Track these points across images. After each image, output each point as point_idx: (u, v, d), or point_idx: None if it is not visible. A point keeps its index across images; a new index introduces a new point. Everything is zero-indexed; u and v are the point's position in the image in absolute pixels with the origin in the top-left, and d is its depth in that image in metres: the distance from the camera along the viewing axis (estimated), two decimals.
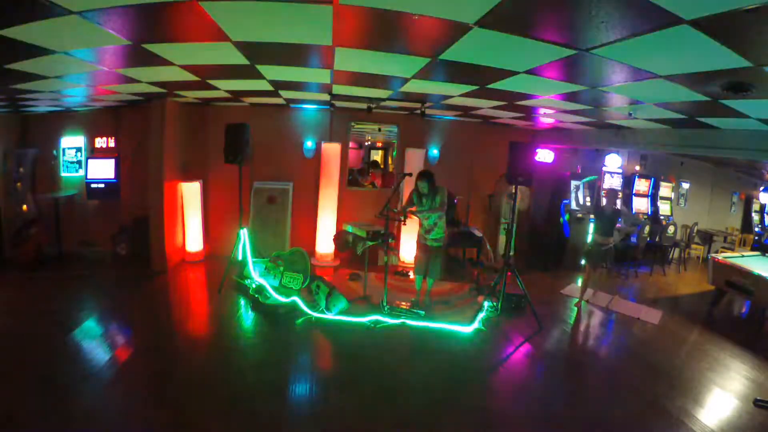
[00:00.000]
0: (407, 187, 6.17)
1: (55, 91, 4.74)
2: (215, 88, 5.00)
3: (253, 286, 5.35)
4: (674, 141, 5.67)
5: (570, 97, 4.28)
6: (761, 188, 11.11)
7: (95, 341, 4.08)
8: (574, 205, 7.65)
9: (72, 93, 5.00)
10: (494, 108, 5.55)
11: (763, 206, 11.39)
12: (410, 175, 5.18)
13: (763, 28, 1.99)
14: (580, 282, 7.10)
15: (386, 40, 2.87)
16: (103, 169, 6.74)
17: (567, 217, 7.14)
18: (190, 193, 6.68)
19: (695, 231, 9.12)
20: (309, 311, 4.87)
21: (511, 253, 5.45)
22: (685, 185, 10.16)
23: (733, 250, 9.15)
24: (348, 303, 4.99)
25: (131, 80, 4.34)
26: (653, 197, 9.04)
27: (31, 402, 2.99)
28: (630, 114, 4.73)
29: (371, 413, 3.19)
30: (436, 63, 3.28)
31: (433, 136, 7.52)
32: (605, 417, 3.31)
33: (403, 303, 5.22)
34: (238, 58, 3.39)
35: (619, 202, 5.63)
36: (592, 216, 7.75)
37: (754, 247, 8.54)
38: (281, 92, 5.33)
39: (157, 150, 6.06)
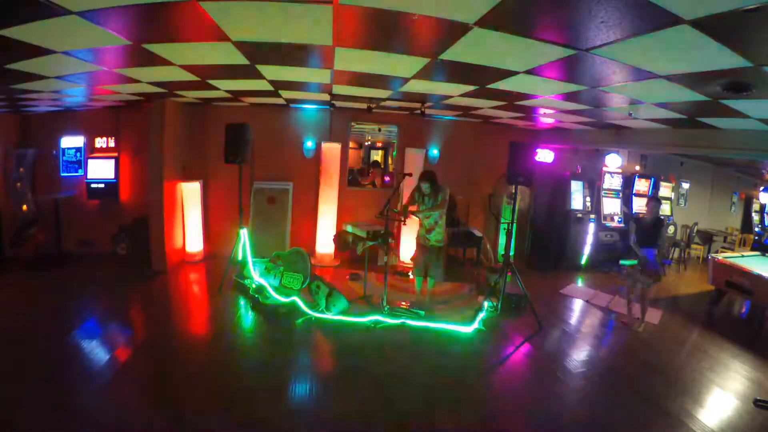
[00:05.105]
0: (407, 187, 6.16)
1: (55, 91, 4.74)
2: (215, 88, 5.00)
3: (253, 286, 5.35)
4: (674, 141, 5.67)
5: (570, 97, 4.28)
6: (761, 188, 11.11)
7: (95, 341, 4.08)
8: (575, 206, 7.65)
9: (72, 93, 5.00)
10: (494, 108, 5.55)
11: (763, 206, 11.39)
12: (410, 175, 5.18)
13: (763, 28, 1.99)
14: (580, 282, 7.12)
15: (386, 40, 2.87)
16: (102, 169, 6.75)
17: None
18: (190, 193, 6.68)
19: (695, 231, 9.13)
20: (309, 311, 4.87)
21: (511, 253, 5.40)
22: (685, 185, 10.16)
23: (733, 250, 9.15)
24: (348, 303, 4.99)
25: (131, 80, 4.34)
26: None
27: (31, 402, 2.98)
28: (630, 114, 4.73)
29: (371, 413, 3.18)
30: (436, 63, 3.28)
31: (433, 136, 7.52)
32: (605, 417, 3.31)
33: (403, 303, 5.22)
34: (238, 58, 3.39)
35: (661, 211, 4.74)
36: (592, 216, 7.79)
37: (754, 247, 8.52)
38: (281, 92, 5.33)
39: (157, 150, 6.06)
